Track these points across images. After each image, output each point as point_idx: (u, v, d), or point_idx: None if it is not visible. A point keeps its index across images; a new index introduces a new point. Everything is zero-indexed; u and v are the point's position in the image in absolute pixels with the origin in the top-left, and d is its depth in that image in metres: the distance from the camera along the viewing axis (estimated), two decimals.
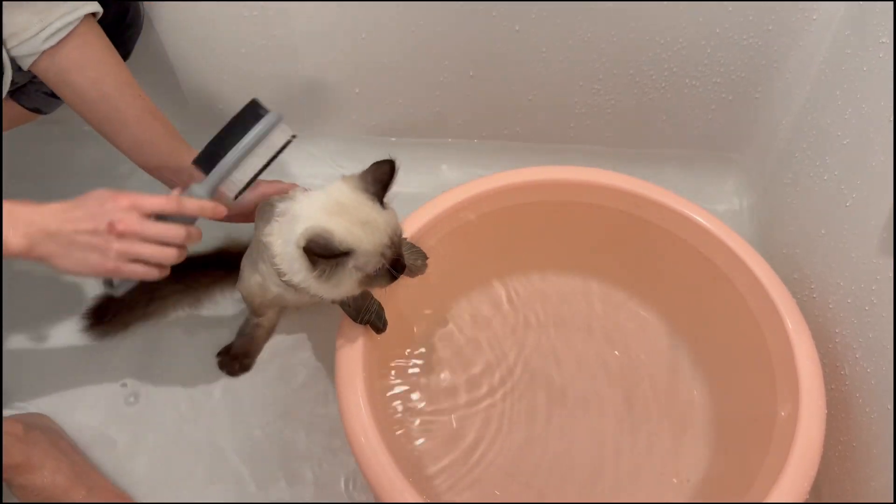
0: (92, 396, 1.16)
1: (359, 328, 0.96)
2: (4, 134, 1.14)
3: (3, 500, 1.03)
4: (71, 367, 1.19)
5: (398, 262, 0.88)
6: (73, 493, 1.00)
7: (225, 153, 0.88)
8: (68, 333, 1.21)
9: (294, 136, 0.93)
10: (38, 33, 0.89)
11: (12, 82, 1.04)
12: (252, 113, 0.89)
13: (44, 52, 0.91)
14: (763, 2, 1.14)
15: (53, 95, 1.09)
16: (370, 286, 0.89)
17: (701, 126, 1.36)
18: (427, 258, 1.02)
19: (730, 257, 1.04)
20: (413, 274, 1.02)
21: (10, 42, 0.89)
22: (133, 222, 0.81)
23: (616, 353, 1.15)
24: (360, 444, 0.87)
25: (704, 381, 1.11)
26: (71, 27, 0.91)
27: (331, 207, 0.86)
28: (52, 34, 0.90)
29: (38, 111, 1.13)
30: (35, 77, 1.05)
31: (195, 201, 0.87)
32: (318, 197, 0.89)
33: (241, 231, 1.14)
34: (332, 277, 0.85)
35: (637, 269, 1.18)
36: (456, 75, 1.31)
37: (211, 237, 1.24)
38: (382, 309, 0.96)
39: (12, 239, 0.77)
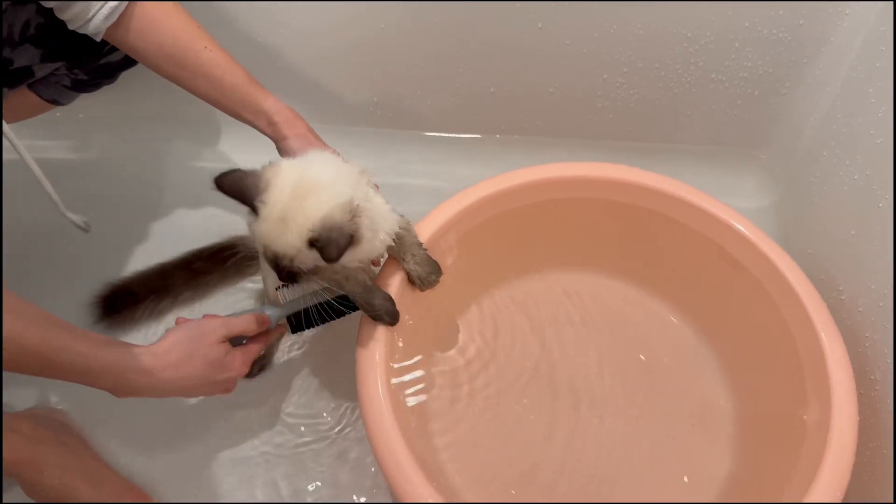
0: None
1: (379, 325, 0.94)
2: (19, 123, 1.14)
3: (5, 500, 1.02)
4: None
5: (288, 273, 0.81)
6: (80, 491, 0.99)
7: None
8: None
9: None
10: (94, 15, 0.93)
11: (32, 73, 1.03)
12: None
13: (106, 28, 0.95)
14: None
15: (71, 88, 1.10)
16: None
17: (724, 122, 1.34)
18: (441, 273, 1.00)
19: (758, 258, 1.02)
20: (423, 287, 1.00)
21: (73, 24, 0.94)
22: (235, 384, 0.95)
23: (640, 355, 1.14)
24: (379, 443, 0.86)
25: (730, 384, 1.09)
26: (125, 3, 0.94)
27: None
28: (108, 14, 0.93)
29: (55, 102, 1.13)
30: (57, 69, 1.04)
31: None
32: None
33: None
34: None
35: (661, 269, 1.16)
36: (476, 68, 1.29)
37: (217, 233, 1.25)
38: (391, 301, 0.94)
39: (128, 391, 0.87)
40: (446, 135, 1.42)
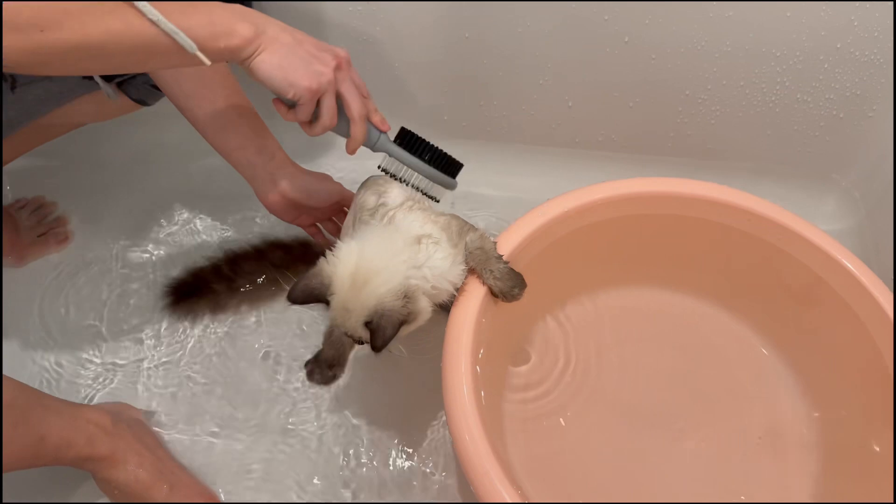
0: (174, 392, 1.16)
1: (467, 333, 0.93)
2: (106, 123, 1.15)
3: (81, 494, 1.04)
4: (154, 359, 1.19)
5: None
6: (155, 490, 0.99)
7: (418, 155, 0.96)
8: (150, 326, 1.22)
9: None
10: None
11: None
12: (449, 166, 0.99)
13: None
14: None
15: (158, 88, 1.10)
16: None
17: (806, 143, 1.31)
18: (525, 286, 0.98)
19: (851, 284, 0.99)
20: (507, 300, 0.99)
21: None
22: (347, 65, 0.89)
23: (718, 377, 1.11)
24: (464, 443, 0.84)
25: (813, 411, 1.06)
26: None
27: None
28: None
29: (142, 102, 1.14)
30: None
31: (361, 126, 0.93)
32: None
33: None
34: None
35: (742, 289, 1.13)
36: (556, 81, 1.28)
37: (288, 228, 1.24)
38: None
39: (240, 26, 0.80)
40: (519, 146, 1.41)
